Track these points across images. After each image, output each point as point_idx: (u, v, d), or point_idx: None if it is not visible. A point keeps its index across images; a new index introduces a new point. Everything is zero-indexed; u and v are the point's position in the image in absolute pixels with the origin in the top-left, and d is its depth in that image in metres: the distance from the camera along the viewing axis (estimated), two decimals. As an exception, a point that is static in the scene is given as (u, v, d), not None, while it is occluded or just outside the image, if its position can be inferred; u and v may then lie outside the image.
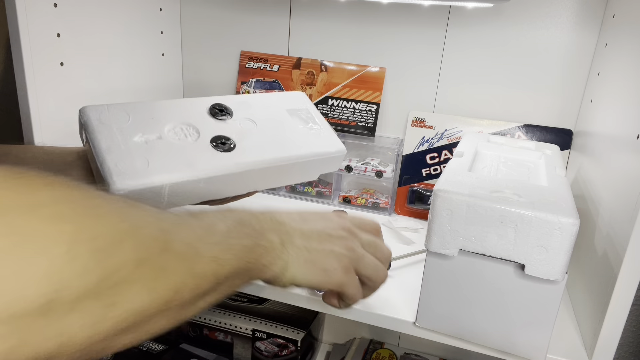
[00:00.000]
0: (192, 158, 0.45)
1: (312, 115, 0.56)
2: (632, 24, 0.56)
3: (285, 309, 0.91)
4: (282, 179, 0.53)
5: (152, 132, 0.45)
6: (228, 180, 0.47)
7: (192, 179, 0.44)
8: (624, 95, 0.54)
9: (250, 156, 0.48)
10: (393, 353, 0.92)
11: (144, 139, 0.45)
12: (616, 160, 0.53)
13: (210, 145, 0.47)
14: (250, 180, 0.49)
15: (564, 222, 0.41)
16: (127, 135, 0.44)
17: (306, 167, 0.52)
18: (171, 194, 0.43)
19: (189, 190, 0.45)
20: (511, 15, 0.73)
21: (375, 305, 0.55)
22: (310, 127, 0.55)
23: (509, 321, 0.46)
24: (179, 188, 0.44)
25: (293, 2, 0.83)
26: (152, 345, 0.86)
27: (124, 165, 0.41)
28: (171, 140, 0.46)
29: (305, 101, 0.57)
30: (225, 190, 0.49)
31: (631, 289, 0.46)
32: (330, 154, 0.53)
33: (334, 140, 0.54)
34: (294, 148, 0.51)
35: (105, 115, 0.45)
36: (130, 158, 0.42)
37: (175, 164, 0.44)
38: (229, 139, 0.48)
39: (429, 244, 0.47)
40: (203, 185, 0.45)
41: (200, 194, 0.46)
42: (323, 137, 0.54)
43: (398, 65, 0.81)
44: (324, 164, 0.54)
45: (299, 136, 0.52)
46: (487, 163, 0.57)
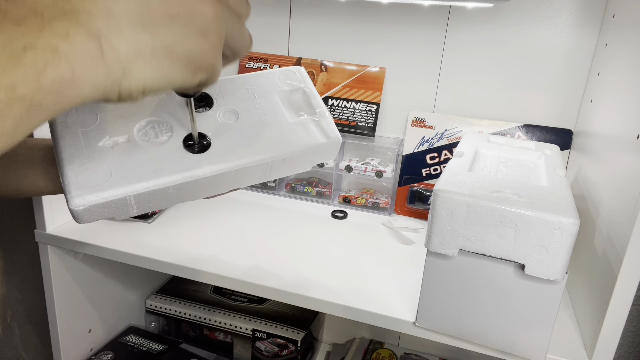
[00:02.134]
0: (160, 163, 0.41)
1: (307, 97, 0.50)
2: (632, 24, 0.56)
3: (285, 309, 0.91)
4: (267, 175, 0.48)
5: (120, 133, 0.42)
6: (202, 184, 0.43)
7: (158, 187, 0.41)
8: (624, 95, 0.54)
9: (226, 158, 0.43)
10: (393, 353, 0.92)
11: (111, 143, 0.41)
12: (616, 160, 0.53)
13: (182, 145, 0.43)
14: (228, 181, 0.45)
15: (564, 222, 0.41)
16: (93, 139, 0.41)
17: (294, 161, 0.47)
18: (139, 203, 0.41)
19: (158, 197, 0.42)
20: (511, 15, 0.73)
21: (375, 305, 0.55)
22: (303, 114, 0.49)
23: (509, 321, 0.46)
24: (146, 197, 0.41)
25: (293, 2, 0.83)
26: (152, 345, 0.86)
27: (84, 177, 0.39)
28: (140, 142, 0.42)
29: (301, 79, 0.51)
30: (202, 193, 0.46)
31: (631, 289, 0.46)
32: (323, 145, 0.47)
33: (329, 128, 0.48)
34: (279, 145, 0.46)
35: (72, 117, 0.42)
36: (92, 168, 0.40)
37: (141, 172, 0.41)
38: (205, 136, 0.44)
39: (429, 244, 0.47)
40: (174, 192, 0.42)
41: (173, 199, 0.44)
42: (316, 125, 0.48)
43: (398, 65, 0.81)
44: (316, 155, 0.48)
45: (287, 129, 0.47)
46: (487, 163, 0.57)
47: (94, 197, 0.38)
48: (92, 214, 0.39)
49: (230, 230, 0.72)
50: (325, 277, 0.61)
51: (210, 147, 0.44)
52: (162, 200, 0.42)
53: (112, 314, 0.87)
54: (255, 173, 0.46)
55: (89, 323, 0.81)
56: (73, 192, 0.38)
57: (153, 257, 0.63)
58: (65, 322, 0.75)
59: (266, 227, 0.74)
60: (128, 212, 0.41)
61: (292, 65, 0.51)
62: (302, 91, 0.50)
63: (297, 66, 0.51)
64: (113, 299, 0.86)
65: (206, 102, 0.46)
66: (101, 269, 0.81)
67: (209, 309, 0.91)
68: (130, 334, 0.88)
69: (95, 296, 0.81)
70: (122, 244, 0.66)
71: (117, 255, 0.65)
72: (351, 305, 0.55)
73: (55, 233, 0.68)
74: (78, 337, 0.79)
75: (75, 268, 0.76)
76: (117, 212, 0.41)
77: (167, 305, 0.92)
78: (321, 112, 0.49)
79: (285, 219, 0.77)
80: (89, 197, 0.38)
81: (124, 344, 0.86)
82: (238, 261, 0.64)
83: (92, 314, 0.82)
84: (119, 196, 0.39)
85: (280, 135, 0.46)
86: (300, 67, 0.51)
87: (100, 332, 0.85)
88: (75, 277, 0.76)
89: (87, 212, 0.38)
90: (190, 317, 0.91)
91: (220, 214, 0.78)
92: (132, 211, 0.42)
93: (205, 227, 0.73)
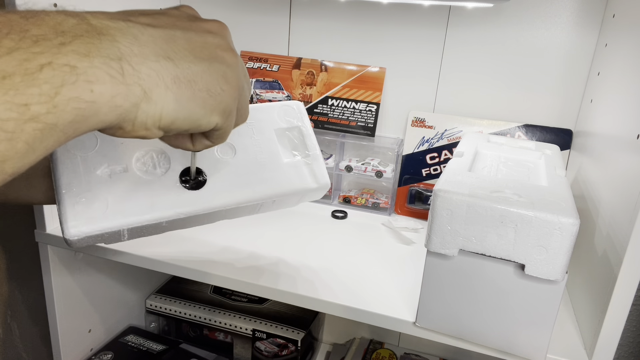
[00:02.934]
0: (156, 198, 0.42)
1: (303, 137, 0.51)
2: (632, 24, 0.56)
3: (285, 309, 0.91)
4: (255, 212, 0.50)
5: (118, 162, 0.43)
6: (194, 219, 0.44)
7: (152, 222, 0.41)
8: (624, 95, 0.54)
9: (220, 198, 0.44)
10: (393, 353, 0.92)
11: (109, 172, 0.42)
12: (616, 160, 0.53)
13: (178, 180, 0.44)
14: (219, 216, 0.47)
15: (564, 222, 0.41)
16: (91, 166, 0.41)
17: (283, 201, 0.49)
18: (131, 234, 0.42)
19: (151, 229, 0.43)
20: (511, 15, 0.73)
21: (375, 305, 0.55)
22: (297, 155, 0.50)
23: (509, 321, 0.46)
24: (139, 229, 0.42)
25: (293, 2, 0.83)
26: (152, 345, 0.86)
27: (81, 208, 0.39)
28: (138, 172, 0.43)
29: (299, 116, 0.52)
30: (192, 225, 0.47)
31: (631, 289, 0.46)
32: (312, 190, 0.49)
33: (320, 173, 0.50)
34: (272, 187, 0.47)
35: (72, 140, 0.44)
36: (89, 198, 0.40)
37: (136, 206, 0.41)
38: (201, 172, 0.45)
39: (429, 244, 0.47)
40: (166, 225, 0.43)
41: (164, 230, 0.45)
42: (309, 168, 0.50)
43: (398, 65, 0.81)
44: (304, 197, 0.51)
45: (280, 170, 0.48)
46: (487, 163, 0.57)
47: (89, 229, 0.39)
48: (85, 242, 0.40)
49: (230, 230, 0.72)
50: (325, 277, 0.61)
51: (205, 184, 0.44)
52: (153, 231, 0.44)
53: (112, 314, 0.87)
54: (245, 211, 0.48)
55: (89, 323, 0.81)
56: (69, 223, 0.38)
57: (153, 257, 0.63)
58: (65, 322, 0.75)
59: (266, 227, 0.74)
60: (119, 240, 0.42)
61: (293, 101, 0.53)
62: (299, 129, 0.51)
63: (297, 102, 0.53)
64: (113, 299, 0.86)
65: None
66: (101, 269, 0.81)
67: (209, 309, 0.91)
68: (130, 334, 0.88)
69: (95, 296, 0.81)
70: (122, 244, 0.66)
71: (117, 255, 0.65)
72: (351, 305, 0.55)
73: (55, 233, 0.68)
74: (78, 337, 0.79)
75: (75, 268, 0.76)
76: (109, 240, 0.42)
77: (167, 305, 0.92)
78: (314, 155, 0.50)
79: (285, 219, 0.77)
80: (84, 228, 0.39)
81: (124, 344, 0.86)
82: (238, 261, 0.64)
83: (92, 314, 0.81)
84: (113, 229, 0.40)
85: (274, 178, 0.48)
86: (300, 102, 0.53)
87: (100, 332, 0.85)
88: (75, 277, 0.76)
89: (80, 241, 0.39)
90: (190, 317, 0.91)
91: (220, 214, 0.78)
92: (123, 239, 0.42)
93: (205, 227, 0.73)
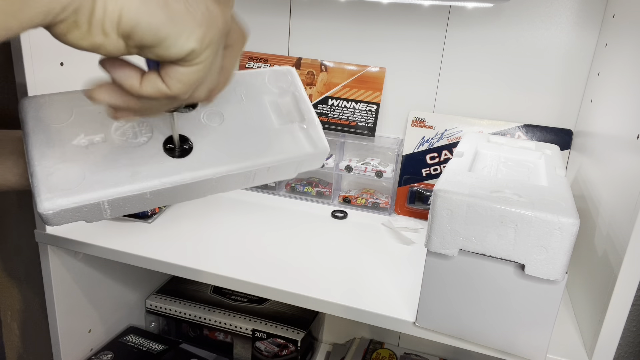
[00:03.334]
0: (138, 167, 0.39)
1: (297, 101, 0.47)
2: (632, 24, 0.56)
3: (285, 309, 0.91)
4: (249, 182, 0.45)
5: (96, 131, 0.39)
6: (181, 190, 0.41)
7: (134, 193, 0.38)
8: (624, 95, 0.54)
9: (207, 165, 0.41)
10: (393, 353, 0.92)
11: (86, 142, 0.39)
12: (616, 160, 0.53)
13: (162, 148, 0.40)
14: (208, 187, 0.43)
15: (564, 222, 0.41)
16: (66, 137, 0.38)
17: (279, 169, 0.45)
18: (113, 208, 0.39)
19: (134, 202, 0.39)
20: (511, 15, 0.73)
21: (375, 305, 0.55)
22: (290, 120, 0.46)
23: (509, 321, 0.46)
24: (121, 202, 0.39)
25: (293, 2, 0.83)
26: (152, 345, 0.86)
27: (56, 179, 0.36)
28: (117, 142, 0.40)
29: (292, 81, 0.48)
30: (181, 198, 0.43)
31: (631, 289, 0.46)
32: (310, 155, 0.45)
33: (317, 137, 0.46)
34: (264, 153, 0.43)
35: (45, 110, 0.39)
36: (64, 169, 0.37)
37: (116, 176, 0.38)
38: (186, 139, 0.41)
39: (429, 244, 0.47)
40: (151, 197, 0.40)
41: (150, 203, 0.41)
42: (304, 133, 0.46)
43: (398, 65, 0.81)
44: (302, 164, 0.46)
45: (273, 135, 0.44)
46: (487, 163, 0.57)
47: (65, 201, 0.36)
48: (62, 218, 0.37)
49: (231, 230, 0.72)
50: (325, 277, 0.61)
51: (191, 151, 0.41)
52: (138, 204, 0.40)
53: (112, 314, 0.87)
54: (237, 180, 0.44)
55: (89, 323, 0.81)
56: (43, 195, 0.36)
57: (153, 257, 0.63)
58: (65, 322, 0.75)
59: (266, 228, 0.74)
60: (101, 216, 0.39)
61: (286, 66, 0.49)
62: (292, 95, 0.48)
63: (288, 67, 0.49)
64: (113, 299, 0.86)
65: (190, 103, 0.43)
66: (101, 269, 0.81)
67: (209, 309, 0.91)
68: (130, 334, 0.88)
69: (95, 296, 0.81)
70: (122, 244, 0.66)
71: (117, 255, 0.65)
72: (351, 305, 0.55)
73: (55, 233, 0.68)
74: (78, 337, 0.79)
75: (75, 268, 0.76)
76: (89, 215, 0.39)
77: (167, 305, 0.92)
78: (310, 118, 0.47)
79: (285, 219, 0.77)
80: (60, 201, 0.36)
81: (124, 344, 0.86)
82: (238, 261, 0.64)
83: (92, 314, 0.81)
84: (91, 201, 0.37)
85: (266, 143, 0.44)
86: (292, 68, 0.49)
87: (100, 332, 0.85)
88: (75, 277, 0.76)
89: (57, 215, 0.36)
90: (190, 317, 0.91)
91: (220, 214, 0.78)
92: (106, 215, 0.39)
93: (205, 227, 0.73)
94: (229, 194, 0.86)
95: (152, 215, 0.75)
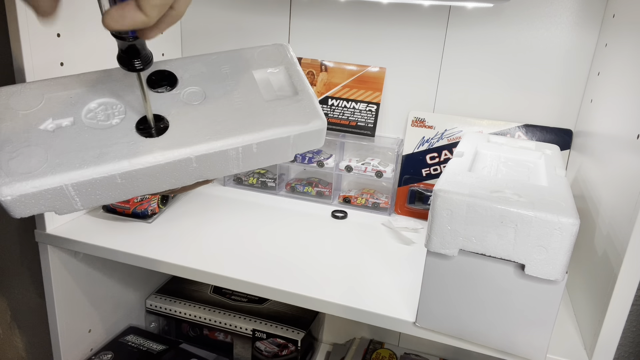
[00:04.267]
0: (106, 148, 0.36)
1: (290, 76, 0.42)
2: (632, 24, 0.56)
3: (285, 309, 0.91)
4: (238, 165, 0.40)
5: (65, 115, 0.37)
6: (157, 173, 0.37)
7: (101, 176, 0.35)
8: (624, 95, 0.54)
9: (183, 143, 0.37)
10: (393, 353, 0.92)
11: (53, 126, 0.37)
12: (616, 160, 0.53)
13: (134, 128, 0.37)
14: (189, 171, 0.38)
15: (564, 222, 0.41)
16: (33, 122, 0.36)
17: (270, 148, 0.40)
18: (81, 194, 0.36)
19: (104, 187, 0.36)
20: (511, 15, 0.73)
21: (375, 305, 0.55)
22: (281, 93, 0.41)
23: (509, 321, 0.46)
24: (89, 187, 0.36)
25: (293, 2, 0.83)
26: (152, 345, 0.86)
27: (16, 163, 0.34)
28: (87, 125, 0.37)
29: (284, 57, 0.43)
30: (160, 184, 0.38)
31: (631, 289, 0.46)
32: (303, 130, 0.40)
33: (312, 111, 0.40)
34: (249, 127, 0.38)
35: (15, 99, 0.38)
36: (26, 153, 0.35)
37: (80, 158, 0.35)
38: (162, 118, 0.38)
39: (429, 244, 0.47)
40: (122, 182, 0.36)
41: (126, 191, 0.37)
42: (298, 106, 0.40)
43: (398, 65, 0.81)
44: (297, 143, 0.41)
45: (260, 110, 0.40)
46: (487, 163, 0.57)
47: (24, 186, 0.34)
48: (25, 206, 0.35)
49: (231, 230, 0.72)
50: (326, 277, 0.61)
51: (166, 130, 0.38)
52: (109, 191, 0.37)
53: (112, 314, 0.87)
54: (222, 163, 0.39)
55: (89, 323, 0.81)
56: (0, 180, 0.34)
57: (153, 257, 0.63)
58: (65, 322, 0.75)
59: (266, 227, 0.74)
60: (70, 205, 0.36)
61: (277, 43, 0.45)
62: (284, 70, 0.42)
63: (282, 43, 0.45)
64: (113, 299, 0.86)
65: (168, 82, 0.41)
66: (101, 269, 0.81)
67: (209, 309, 0.91)
68: (130, 334, 0.88)
69: (95, 296, 0.81)
70: (122, 244, 0.66)
71: (117, 255, 0.65)
72: (351, 305, 0.55)
73: (55, 233, 0.68)
74: (78, 337, 0.79)
75: (75, 268, 0.75)
76: (56, 204, 0.36)
77: (167, 305, 0.92)
78: (304, 91, 0.41)
79: (285, 219, 0.77)
80: (18, 185, 0.34)
81: (124, 344, 0.86)
82: (238, 261, 0.64)
83: (92, 314, 0.81)
84: (53, 185, 0.34)
85: (252, 117, 0.39)
86: (286, 43, 0.45)
87: (100, 332, 0.85)
88: (75, 277, 0.76)
89: (18, 202, 0.34)
90: (190, 317, 0.91)
91: (220, 214, 0.78)
92: (75, 204, 0.36)
93: (205, 227, 0.73)
94: (229, 193, 0.86)
95: (152, 215, 0.75)
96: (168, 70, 0.41)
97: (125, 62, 0.36)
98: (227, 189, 0.89)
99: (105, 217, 0.74)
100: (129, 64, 0.35)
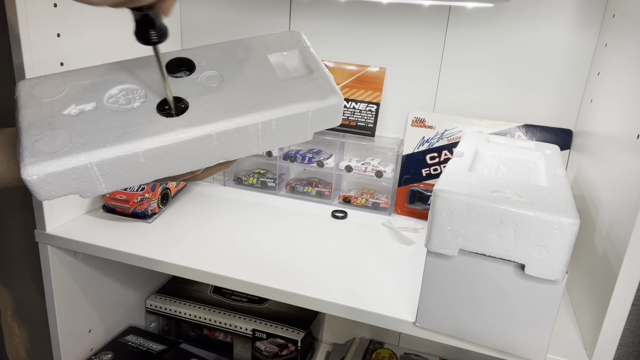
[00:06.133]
0: (127, 128, 0.37)
1: (304, 58, 0.44)
2: (632, 24, 0.56)
3: (285, 309, 0.91)
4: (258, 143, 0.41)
5: (88, 101, 0.39)
6: (179, 151, 0.38)
7: (125, 154, 0.36)
8: (624, 95, 0.54)
9: (203, 120, 0.38)
10: (393, 353, 0.92)
11: (76, 111, 0.38)
12: (616, 160, 0.53)
13: (155, 109, 0.39)
14: (211, 149, 0.39)
15: (564, 222, 0.41)
16: (57, 108, 0.38)
17: (289, 125, 0.41)
18: (105, 174, 0.36)
19: (128, 167, 0.37)
20: (511, 15, 0.73)
21: (375, 305, 0.55)
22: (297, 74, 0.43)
23: (509, 321, 0.46)
24: (113, 166, 0.36)
25: (293, 2, 0.83)
26: (152, 345, 0.86)
27: (41, 144, 0.35)
28: (109, 108, 0.38)
29: (298, 41, 0.45)
30: (182, 164, 0.39)
31: (631, 289, 0.46)
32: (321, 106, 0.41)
33: (328, 87, 0.42)
34: (268, 104, 0.40)
35: (38, 88, 0.39)
36: (51, 135, 0.36)
37: (104, 137, 0.36)
38: (181, 99, 0.39)
39: (429, 244, 0.47)
40: (145, 161, 0.37)
41: (149, 171, 0.38)
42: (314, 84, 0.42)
43: (398, 65, 0.81)
44: (315, 119, 0.42)
45: (277, 89, 0.41)
46: (487, 163, 0.57)
47: (49, 166, 0.34)
48: (51, 187, 0.35)
49: (231, 230, 0.73)
50: (326, 277, 0.61)
51: (187, 110, 0.39)
52: (133, 171, 0.37)
53: (112, 314, 0.87)
54: (242, 140, 0.40)
55: (89, 323, 0.81)
56: (26, 160, 0.34)
57: (153, 257, 0.63)
58: (65, 322, 0.75)
59: (266, 227, 0.74)
60: (95, 186, 0.37)
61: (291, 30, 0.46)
62: (298, 53, 0.44)
63: (295, 30, 0.46)
64: (113, 299, 0.86)
65: (187, 67, 0.42)
66: (101, 269, 0.81)
67: (209, 309, 0.91)
68: (130, 334, 0.88)
69: (95, 296, 0.81)
70: (122, 244, 0.66)
71: (117, 255, 0.65)
72: (351, 305, 0.55)
73: (55, 233, 0.68)
74: (78, 337, 0.79)
75: (75, 268, 0.76)
76: (82, 185, 0.36)
77: (167, 305, 0.92)
78: (319, 70, 0.42)
79: (285, 219, 0.77)
80: (44, 165, 0.34)
81: (124, 344, 0.86)
82: (238, 261, 0.64)
83: (92, 314, 0.81)
84: (78, 164, 0.35)
85: (270, 95, 0.40)
86: (299, 31, 0.46)
87: (100, 332, 0.85)
88: (75, 277, 0.76)
89: (43, 183, 0.34)
90: (190, 317, 0.91)
91: (220, 214, 0.78)
92: (100, 185, 0.37)
93: (206, 227, 0.73)
94: (229, 193, 0.86)
95: (152, 215, 0.75)
96: (186, 57, 0.43)
97: (141, 34, 0.36)
98: (227, 189, 0.89)
99: (105, 217, 0.74)
100: (145, 36, 0.36)
